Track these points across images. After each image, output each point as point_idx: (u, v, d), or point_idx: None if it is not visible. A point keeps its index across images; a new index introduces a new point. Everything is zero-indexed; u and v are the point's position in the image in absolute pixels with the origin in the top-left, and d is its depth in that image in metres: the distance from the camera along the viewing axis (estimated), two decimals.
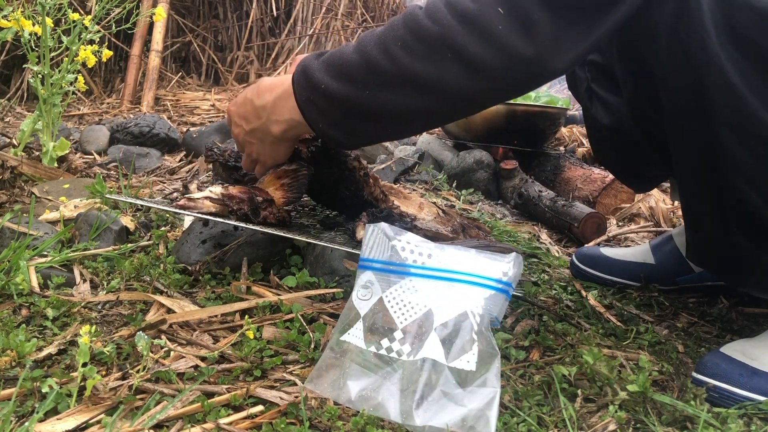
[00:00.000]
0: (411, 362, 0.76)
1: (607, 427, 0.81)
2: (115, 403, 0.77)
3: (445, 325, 0.77)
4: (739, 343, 0.94)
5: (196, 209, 1.10)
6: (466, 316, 0.77)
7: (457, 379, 0.74)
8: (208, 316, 1.02)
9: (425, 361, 0.76)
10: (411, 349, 0.77)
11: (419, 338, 0.77)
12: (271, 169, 1.12)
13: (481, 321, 0.77)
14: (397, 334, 0.78)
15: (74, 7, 2.96)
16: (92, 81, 3.48)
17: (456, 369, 0.75)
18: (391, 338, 0.78)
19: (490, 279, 0.79)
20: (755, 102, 0.78)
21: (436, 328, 0.77)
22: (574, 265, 1.36)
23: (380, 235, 0.83)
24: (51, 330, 0.95)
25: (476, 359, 0.75)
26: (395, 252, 0.81)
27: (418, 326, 0.78)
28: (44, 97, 1.79)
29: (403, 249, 0.81)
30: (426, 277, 0.80)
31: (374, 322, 0.80)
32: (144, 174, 2.04)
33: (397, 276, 0.81)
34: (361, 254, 0.85)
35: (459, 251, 0.81)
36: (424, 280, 0.80)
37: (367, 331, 0.80)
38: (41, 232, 1.25)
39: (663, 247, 1.29)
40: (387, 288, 0.81)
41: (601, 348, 1.00)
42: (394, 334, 0.79)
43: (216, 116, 3.01)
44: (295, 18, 3.85)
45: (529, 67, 0.78)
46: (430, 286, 0.79)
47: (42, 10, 1.70)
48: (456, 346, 0.76)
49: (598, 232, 1.64)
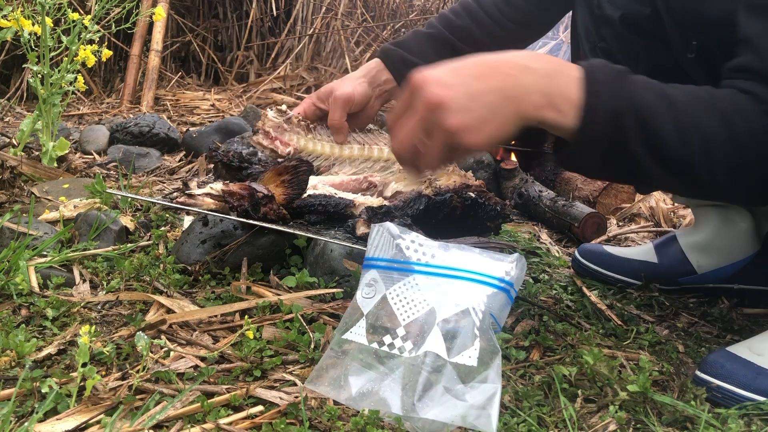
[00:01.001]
0: (413, 358, 0.77)
1: (607, 427, 0.80)
2: (114, 404, 0.77)
3: (447, 320, 0.77)
4: (745, 341, 0.94)
5: (196, 206, 1.10)
6: (468, 313, 0.77)
7: (458, 374, 0.75)
8: (207, 316, 1.02)
9: (427, 356, 0.76)
10: (413, 346, 0.78)
11: (421, 334, 0.78)
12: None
13: (483, 318, 0.77)
14: (400, 331, 0.79)
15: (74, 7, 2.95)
16: (92, 81, 3.48)
17: (457, 364, 0.75)
18: (393, 335, 0.79)
19: (493, 277, 0.79)
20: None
21: (439, 323, 0.77)
22: (576, 260, 1.36)
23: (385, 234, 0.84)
24: (51, 330, 0.95)
25: (478, 355, 0.75)
26: (399, 250, 0.82)
27: (421, 323, 0.78)
28: (44, 96, 1.79)
29: (407, 247, 0.81)
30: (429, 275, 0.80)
31: (377, 320, 0.81)
32: (144, 174, 2.04)
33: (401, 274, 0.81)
34: (366, 253, 0.85)
35: (462, 251, 0.82)
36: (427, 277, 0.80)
37: (370, 328, 0.80)
38: (41, 232, 1.25)
39: (666, 246, 1.29)
40: (390, 285, 0.81)
41: (602, 348, 1.00)
42: (397, 330, 0.79)
43: (216, 116, 3.00)
44: (295, 18, 3.85)
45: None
46: (433, 284, 0.80)
47: (42, 10, 1.70)
48: (458, 342, 0.76)
49: (598, 232, 1.64)
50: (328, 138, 1.29)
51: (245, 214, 1.10)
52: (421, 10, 3.96)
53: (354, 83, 1.26)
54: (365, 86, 1.27)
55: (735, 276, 1.24)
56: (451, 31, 1.28)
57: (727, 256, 1.24)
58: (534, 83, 0.77)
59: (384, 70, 1.29)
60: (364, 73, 1.29)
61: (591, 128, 0.76)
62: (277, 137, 1.27)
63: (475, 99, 0.76)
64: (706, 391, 0.88)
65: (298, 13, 3.86)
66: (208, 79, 3.94)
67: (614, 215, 1.87)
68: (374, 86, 1.29)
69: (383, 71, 1.29)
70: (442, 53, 1.27)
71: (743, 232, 1.22)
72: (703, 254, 1.25)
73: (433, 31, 1.30)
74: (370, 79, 1.28)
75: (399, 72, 1.28)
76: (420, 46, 1.28)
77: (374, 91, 1.29)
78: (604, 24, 1.10)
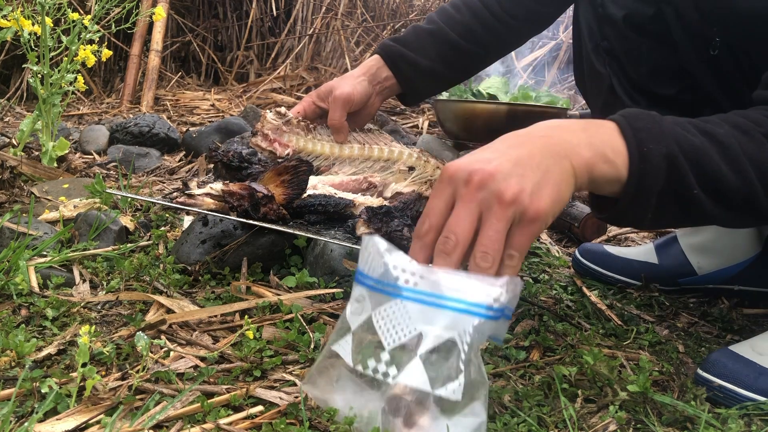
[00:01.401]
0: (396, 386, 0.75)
1: (607, 427, 0.80)
2: (114, 404, 0.77)
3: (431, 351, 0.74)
4: (748, 340, 0.94)
5: (196, 206, 1.10)
6: (454, 343, 0.74)
7: (441, 408, 0.72)
8: (207, 316, 1.02)
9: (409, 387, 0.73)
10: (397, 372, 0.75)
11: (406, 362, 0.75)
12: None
13: (470, 349, 0.74)
14: (384, 356, 0.76)
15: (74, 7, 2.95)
16: (92, 81, 3.48)
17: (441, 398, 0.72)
18: (378, 359, 0.77)
19: (480, 306, 0.74)
20: None
21: (421, 354, 0.74)
22: (576, 260, 1.36)
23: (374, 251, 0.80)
24: (50, 330, 0.95)
25: (462, 390, 0.73)
26: (387, 270, 0.78)
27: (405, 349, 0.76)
28: (44, 96, 1.79)
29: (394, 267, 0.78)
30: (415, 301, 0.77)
31: (362, 340, 0.78)
32: (143, 174, 2.04)
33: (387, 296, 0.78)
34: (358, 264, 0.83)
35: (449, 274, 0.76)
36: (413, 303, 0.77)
37: (356, 348, 0.78)
38: (41, 232, 1.25)
39: (667, 247, 1.29)
40: (377, 307, 0.78)
41: (602, 348, 1.00)
42: (381, 355, 0.76)
43: (216, 116, 3.00)
44: (295, 17, 3.85)
45: None
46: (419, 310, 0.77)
47: (41, 10, 1.70)
48: (442, 375, 0.73)
49: (598, 232, 1.64)
50: (329, 138, 1.29)
51: (245, 214, 1.10)
52: (421, 10, 3.96)
53: (353, 82, 1.26)
54: (365, 84, 1.27)
55: (736, 277, 1.24)
56: (451, 26, 1.27)
57: (727, 258, 1.24)
58: (576, 138, 0.72)
59: (384, 67, 1.29)
60: (363, 71, 1.29)
61: (647, 176, 0.72)
62: (275, 139, 1.27)
63: (521, 164, 0.68)
64: (707, 390, 0.88)
65: (298, 13, 3.86)
66: (208, 79, 3.94)
67: None
68: (374, 84, 1.28)
69: (383, 68, 1.29)
70: (442, 49, 1.27)
71: (744, 234, 1.22)
72: (703, 255, 1.25)
73: (433, 27, 1.29)
74: (369, 76, 1.28)
75: (398, 69, 1.28)
76: (420, 42, 1.28)
77: (374, 88, 1.29)
78: (607, 23, 1.10)
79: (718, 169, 0.74)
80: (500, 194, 0.67)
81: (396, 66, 1.28)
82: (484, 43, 1.28)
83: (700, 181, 0.74)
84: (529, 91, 2.45)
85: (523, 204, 0.67)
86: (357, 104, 1.26)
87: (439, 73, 1.29)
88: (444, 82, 1.36)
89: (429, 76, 1.29)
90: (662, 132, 0.74)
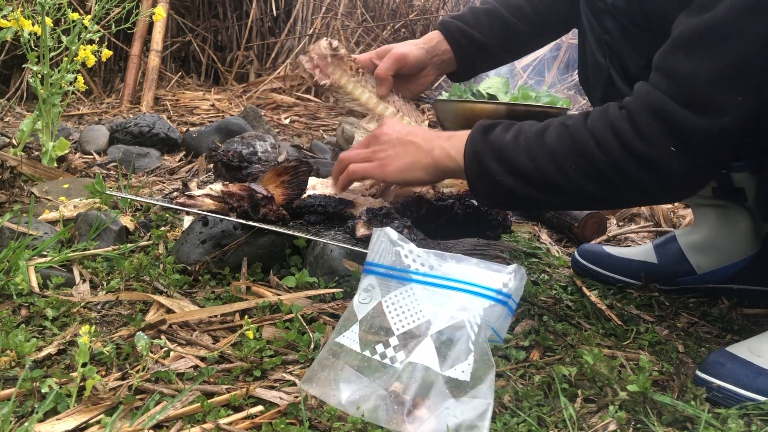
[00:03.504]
0: (404, 369, 0.75)
1: (607, 427, 0.80)
2: (114, 404, 0.77)
3: (442, 333, 0.75)
4: (745, 341, 0.94)
5: (196, 207, 1.10)
6: (464, 326, 0.75)
7: (450, 388, 0.73)
8: (207, 316, 1.02)
9: (418, 368, 0.74)
10: (405, 356, 0.76)
11: (415, 345, 0.76)
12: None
13: (479, 332, 0.76)
14: (393, 340, 0.77)
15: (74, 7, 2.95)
16: (92, 81, 3.48)
17: (450, 378, 0.73)
18: (386, 344, 0.77)
19: (490, 289, 0.78)
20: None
21: (432, 336, 0.76)
22: (576, 261, 1.36)
23: (385, 240, 0.83)
24: (50, 330, 0.95)
25: (471, 370, 0.74)
26: (398, 257, 0.80)
27: (415, 334, 0.77)
28: (44, 96, 1.79)
29: (406, 255, 0.80)
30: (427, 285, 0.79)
31: (371, 326, 0.79)
32: (143, 174, 2.04)
33: (398, 282, 0.80)
34: (366, 258, 0.84)
35: (460, 262, 0.81)
36: (424, 287, 0.79)
37: (363, 334, 0.79)
38: (41, 232, 1.25)
39: (666, 247, 1.29)
40: (387, 293, 0.80)
41: (602, 348, 1.00)
42: (390, 339, 0.78)
43: (216, 116, 3.00)
44: (295, 18, 3.85)
45: (687, 190, 0.97)
46: (430, 294, 0.79)
47: (41, 10, 1.70)
48: (451, 355, 0.74)
49: (598, 232, 1.64)
50: (372, 89, 1.31)
51: (245, 215, 1.10)
52: (421, 10, 3.96)
53: (411, 46, 1.32)
54: (422, 51, 1.31)
55: (735, 276, 1.24)
56: (505, 7, 1.35)
57: (726, 257, 1.24)
58: (439, 143, 1.06)
59: (443, 41, 1.33)
60: (425, 41, 1.34)
61: (468, 168, 1.00)
62: (320, 65, 1.28)
63: (402, 145, 1.09)
64: (707, 391, 0.88)
65: (298, 13, 3.86)
66: (208, 79, 3.94)
67: (614, 215, 1.87)
68: (432, 55, 1.33)
69: (443, 42, 1.34)
70: (495, 26, 1.34)
71: (743, 233, 1.22)
72: (702, 254, 1.25)
73: (489, 6, 1.35)
74: (429, 48, 1.33)
75: (458, 43, 1.33)
76: (476, 19, 1.34)
77: (431, 59, 1.33)
78: (608, 16, 1.11)
79: (516, 158, 0.96)
80: (377, 152, 1.10)
81: (456, 40, 1.33)
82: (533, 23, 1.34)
83: (505, 170, 0.97)
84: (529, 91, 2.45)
85: (384, 162, 1.08)
86: (410, 66, 1.30)
87: (492, 49, 1.34)
88: (495, 60, 1.41)
89: (484, 51, 1.34)
90: (485, 135, 1.00)
